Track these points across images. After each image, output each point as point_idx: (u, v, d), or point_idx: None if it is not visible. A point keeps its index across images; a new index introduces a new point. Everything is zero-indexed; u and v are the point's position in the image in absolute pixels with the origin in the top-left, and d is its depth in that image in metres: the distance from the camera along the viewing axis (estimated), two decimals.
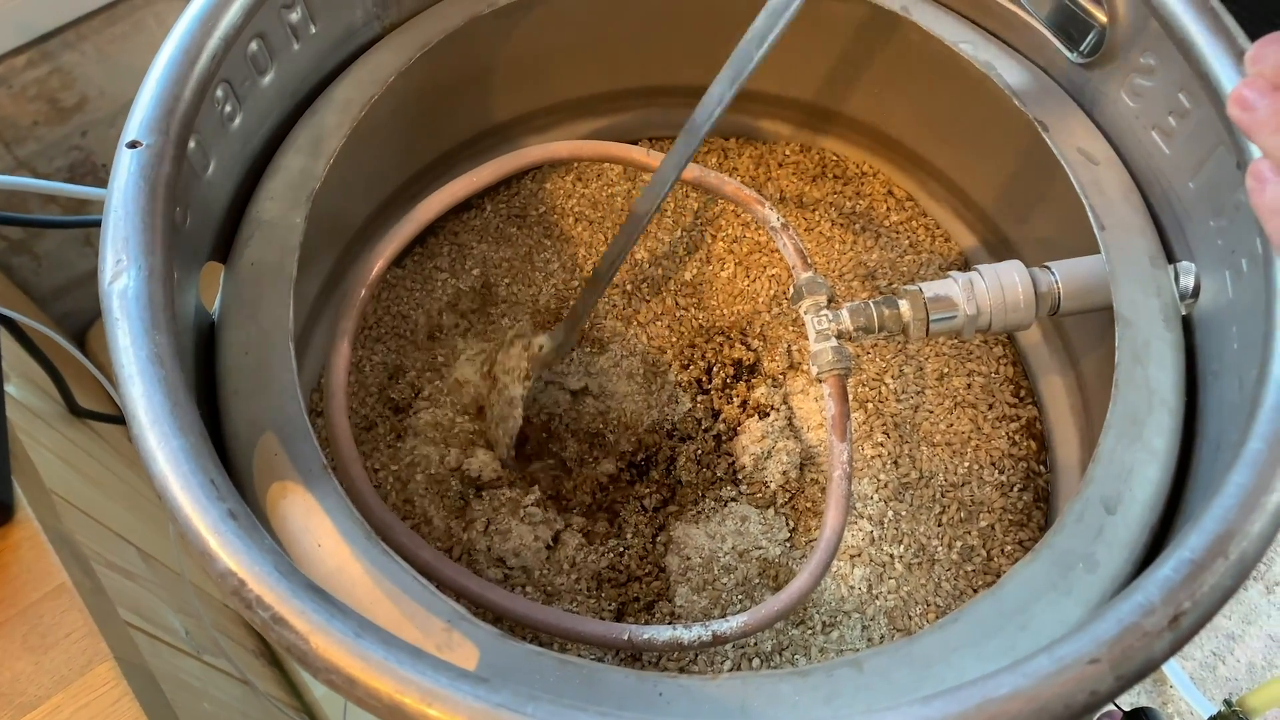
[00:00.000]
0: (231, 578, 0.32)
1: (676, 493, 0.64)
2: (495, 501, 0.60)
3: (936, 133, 0.69)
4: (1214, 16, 0.45)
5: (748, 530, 0.60)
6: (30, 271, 0.94)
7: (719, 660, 0.56)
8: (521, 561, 0.58)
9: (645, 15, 0.67)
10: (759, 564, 0.59)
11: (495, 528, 0.58)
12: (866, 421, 0.64)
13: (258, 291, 0.47)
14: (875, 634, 0.57)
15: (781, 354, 0.67)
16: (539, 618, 0.47)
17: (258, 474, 0.43)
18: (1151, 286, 0.49)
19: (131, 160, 0.40)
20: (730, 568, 0.58)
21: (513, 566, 0.58)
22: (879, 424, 0.64)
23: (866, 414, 0.64)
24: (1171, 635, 0.32)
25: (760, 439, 0.63)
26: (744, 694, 0.38)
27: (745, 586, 0.58)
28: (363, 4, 0.57)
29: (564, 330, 0.65)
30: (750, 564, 0.59)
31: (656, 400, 0.67)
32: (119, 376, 0.36)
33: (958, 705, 0.31)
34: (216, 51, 0.44)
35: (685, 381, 0.67)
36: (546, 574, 0.58)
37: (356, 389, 0.64)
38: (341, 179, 0.55)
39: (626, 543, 0.61)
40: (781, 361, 0.67)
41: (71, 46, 0.82)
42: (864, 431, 0.64)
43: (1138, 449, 0.45)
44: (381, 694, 0.31)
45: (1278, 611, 1.17)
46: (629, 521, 0.62)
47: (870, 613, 0.57)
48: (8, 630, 0.48)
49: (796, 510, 0.62)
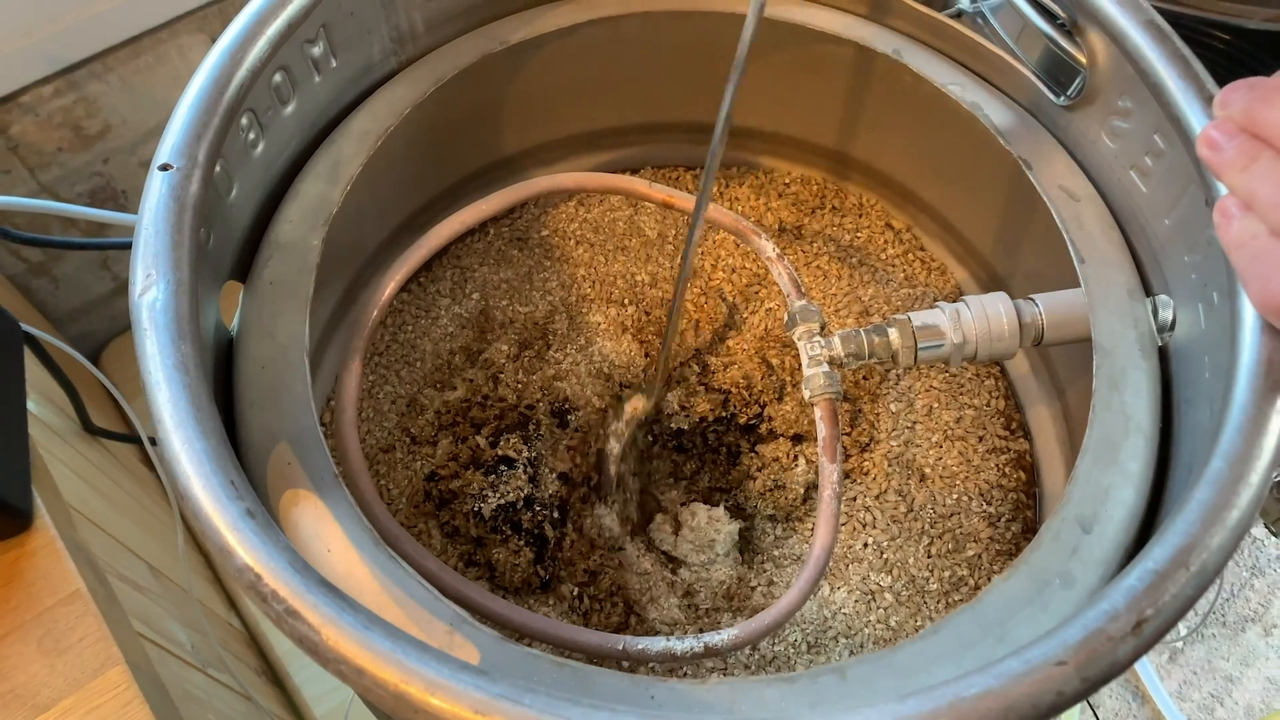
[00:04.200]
0: (249, 572, 0.34)
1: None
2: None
3: (928, 170, 0.71)
4: (1184, 63, 0.47)
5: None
6: (48, 294, 0.97)
7: (706, 673, 0.57)
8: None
9: (649, 54, 0.70)
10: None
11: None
12: (860, 455, 0.66)
13: (276, 309, 0.50)
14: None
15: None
16: (537, 626, 0.49)
17: (271, 482, 0.45)
18: (1129, 318, 0.51)
19: (163, 182, 0.42)
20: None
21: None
22: (871, 457, 0.66)
23: (860, 447, 0.66)
24: (1135, 641, 0.34)
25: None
26: (732, 697, 0.40)
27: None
28: (380, 40, 0.60)
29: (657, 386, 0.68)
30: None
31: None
32: (146, 383, 0.38)
33: (931, 704, 0.33)
34: (244, 82, 0.46)
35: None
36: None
37: (372, 414, 0.66)
38: (356, 205, 0.57)
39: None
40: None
41: (97, 77, 0.85)
42: (856, 464, 0.66)
43: (1113, 472, 0.47)
44: (387, 684, 0.33)
45: (1275, 654, 1.17)
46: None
47: (859, 640, 0.59)
48: (24, 634, 0.50)
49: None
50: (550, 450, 0.64)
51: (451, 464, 0.61)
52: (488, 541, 0.60)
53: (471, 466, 0.61)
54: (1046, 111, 0.59)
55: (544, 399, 0.65)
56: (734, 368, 0.69)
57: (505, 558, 0.59)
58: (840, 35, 0.64)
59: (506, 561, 0.58)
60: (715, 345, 0.70)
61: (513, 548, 0.59)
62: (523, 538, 0.60)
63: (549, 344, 0.69)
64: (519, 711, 0.32)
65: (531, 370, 0.67)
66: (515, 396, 0.64)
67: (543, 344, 0.69)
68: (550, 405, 0.65)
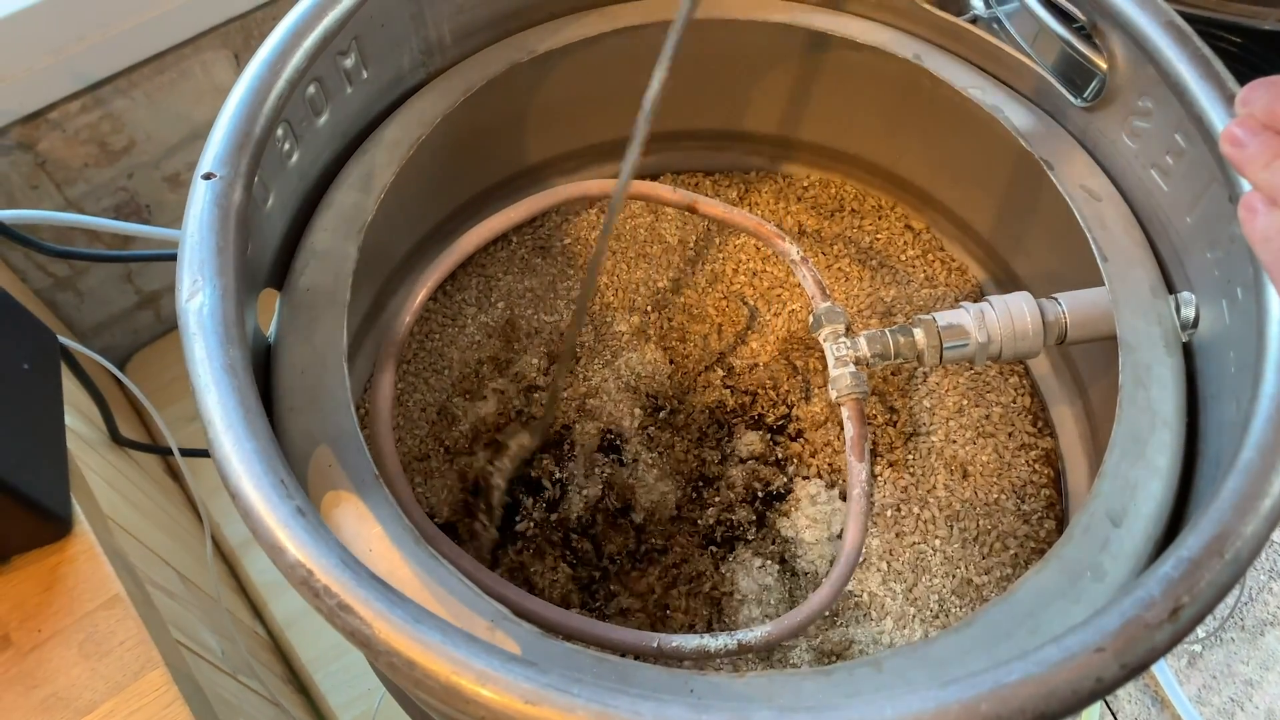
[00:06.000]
0: (300, 568, 0.35)
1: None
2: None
3: (947, 173, 0.72)
4: (1205, 63, 0.48)
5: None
6: (73, 307, 0.98)
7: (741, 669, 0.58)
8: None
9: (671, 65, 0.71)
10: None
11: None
12: (905, 447, 0.67)
13: (313, 315, 0.51)
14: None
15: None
16: (573, 625, 0.50)
17: (313, 484, 0.46)
18: (1152, 315, 0.52)
19: (206, 190, 0.43)
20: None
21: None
22: (917, 449, 0.66)
23: (905, 437, 0.67)
24: (1171, 627, 0.34)
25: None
26: (770, 690, 0.40)
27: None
28: (410, 51, 0.61)
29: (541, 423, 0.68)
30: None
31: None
32: (195, 387, 0.39)
33: (972, 690, 0.33)
34: (282, 93, 0.48)
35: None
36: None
37: (403, 421, 0.67)
38: (386, 214, 0.58)
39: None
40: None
41: (123, 93, 0.86)
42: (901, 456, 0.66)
43: (1141, 466, 0.47)
44: (439, 675, 0.33)
45: None
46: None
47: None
48: (65, 638, 0.51)
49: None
50: (584, 474, 0.65)
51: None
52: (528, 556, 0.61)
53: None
54: (1066, 113, 0.60)
55: (580, 419, 0.66)
56: (760, 369, 0.69)
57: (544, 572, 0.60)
58: (858, 41, 0.65)
59: (546, 578, 0.60)
60: (738, 348, 0.71)
61: (549, 563, 0.60)
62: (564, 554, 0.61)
63: (576, 358, 0.70)
64: (567, 701, 0.33)
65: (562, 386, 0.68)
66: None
67: (570, 360, 0.70)
68: (593, 429, 0.66)
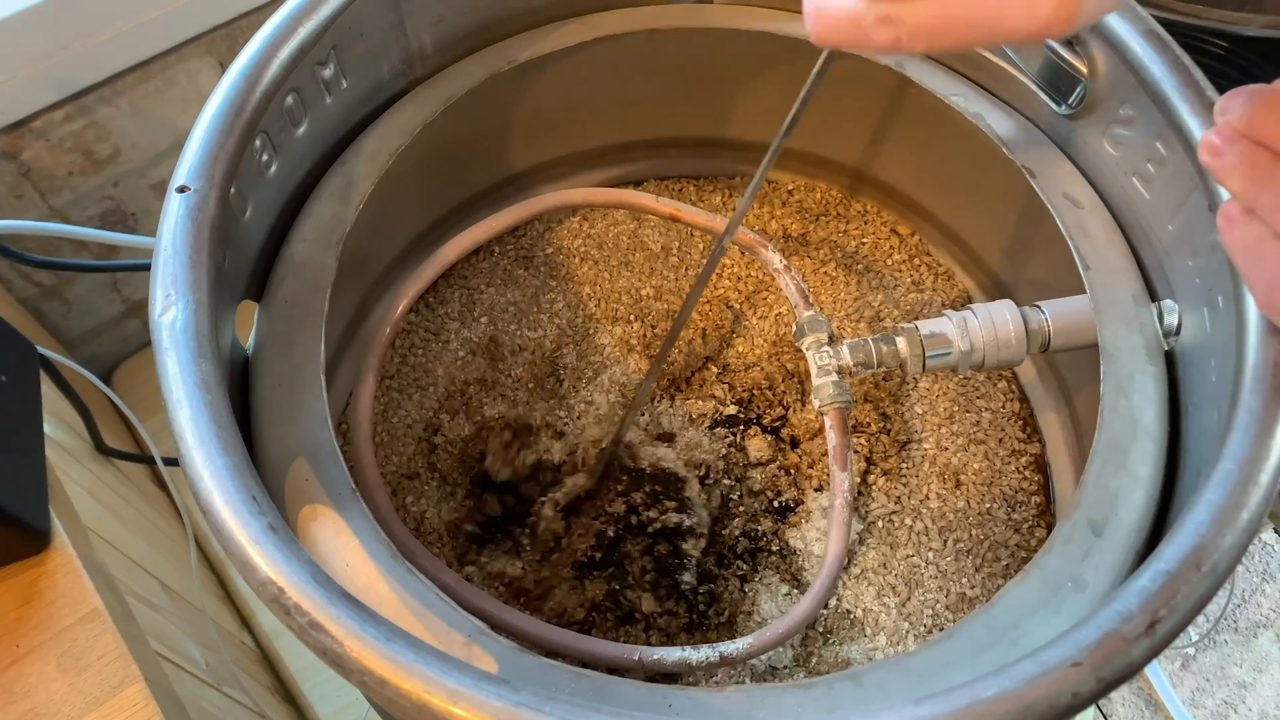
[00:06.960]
0: (271, 586, 0.35)
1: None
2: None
3: (932, 180, 0.72)
4: (1185, 71, 0.48)
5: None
6: (60, 316, 0.98)
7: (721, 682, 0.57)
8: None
9: (654, 72, 0.71)
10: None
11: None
12: (900, 455, 0.66)
13: (290, 327, 0.50)
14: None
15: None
16: (554, 638, 0.49)
17: (289, 497, 0.45)
18: (1135, 323, 0.52)
19: (180, 204, 0.43)
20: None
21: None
22: (910, 458, 0.66)
23: (899, 445, 0.67)
24: (1149, 641, 0.34)
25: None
26: (749, 705, 0.40)
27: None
28: (390, 61, 0.61)
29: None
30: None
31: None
32: (167, 402, 0.39)
33: (948, 706, 0.33)
34: (258, 104, 0.47)
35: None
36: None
37: (388, 437, 0.66)
38: (367, 224, 0.58)
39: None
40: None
41: (107, 101, 0.86)
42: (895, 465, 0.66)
43: (1123, 475, 0.47)
44: (410, 694, 0.33)
45: None
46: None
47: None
48: (43, 653, 0.50)
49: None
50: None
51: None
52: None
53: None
54: (1048, 121, 0.60)
55: (570, 459, 0.66)
56: (755, 369, 0.69)
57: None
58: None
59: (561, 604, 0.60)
60: (724, 352, 0.71)
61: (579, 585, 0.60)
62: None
63: (560, 379, 0.69)
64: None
65: (550, 415, 0.67)
66: (543, 450, 0.66)
67: (554, 381, 0.69)
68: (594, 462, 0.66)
